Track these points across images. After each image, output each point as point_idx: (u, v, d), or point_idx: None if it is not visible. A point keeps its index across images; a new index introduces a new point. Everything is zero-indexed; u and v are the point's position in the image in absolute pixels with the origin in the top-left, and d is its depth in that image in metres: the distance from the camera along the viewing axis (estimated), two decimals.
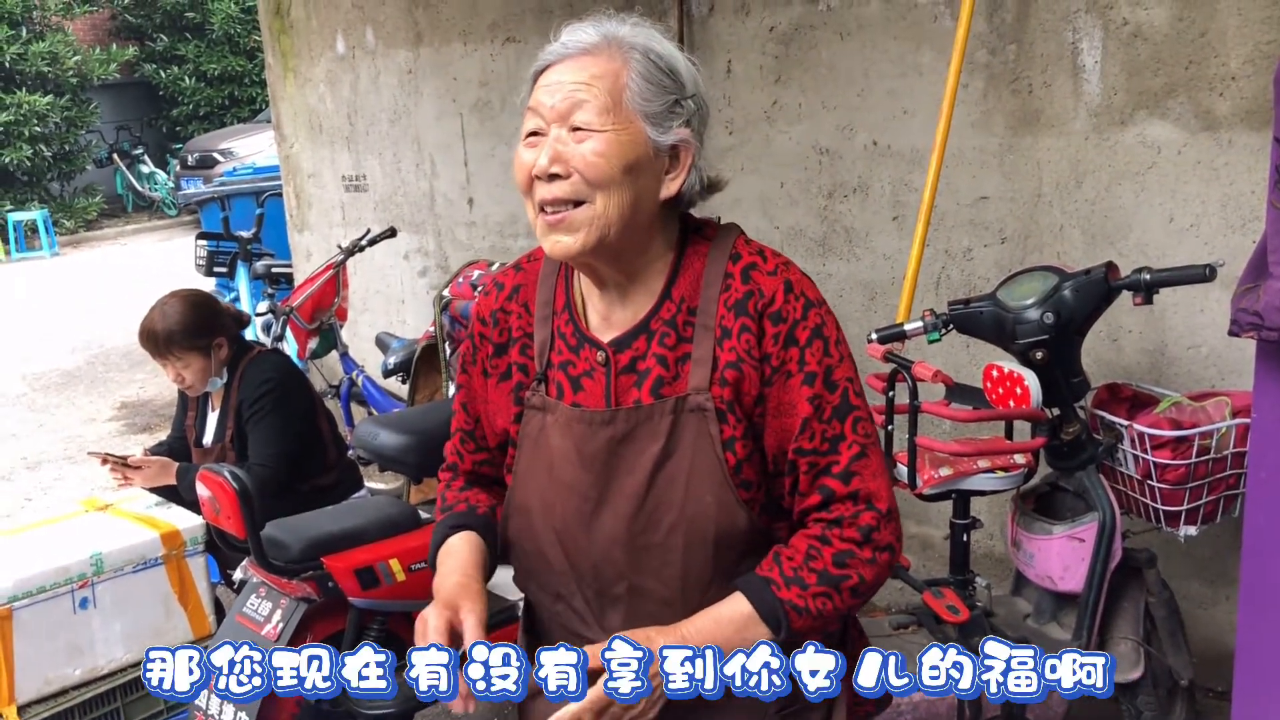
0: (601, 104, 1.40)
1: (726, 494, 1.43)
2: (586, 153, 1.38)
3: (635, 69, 1.42)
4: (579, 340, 1.51)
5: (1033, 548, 2.58)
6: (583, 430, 1.47)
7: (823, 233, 3.66)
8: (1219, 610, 3.01)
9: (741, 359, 1.43)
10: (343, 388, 4.93)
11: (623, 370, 1.47)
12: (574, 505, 1.49)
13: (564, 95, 1.40)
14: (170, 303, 3.38)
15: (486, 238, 5.08)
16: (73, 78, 15.77)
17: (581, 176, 1.39)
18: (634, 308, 1.49)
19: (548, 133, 1.41)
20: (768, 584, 1.42)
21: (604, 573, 1.49)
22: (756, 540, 1.46)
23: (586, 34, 1.44)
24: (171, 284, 3.50)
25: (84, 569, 2.93)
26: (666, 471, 1.44)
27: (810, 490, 1.45)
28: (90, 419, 6.97)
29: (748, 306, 1.44)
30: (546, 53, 1.45)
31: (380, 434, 2.77)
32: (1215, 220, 2.83)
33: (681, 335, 1.46)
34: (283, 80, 6.25)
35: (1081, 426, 2.55)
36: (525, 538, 1.56)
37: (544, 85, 1.43)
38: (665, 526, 1.45)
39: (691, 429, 1.43)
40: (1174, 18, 2.81)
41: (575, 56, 1.42)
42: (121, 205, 17.39)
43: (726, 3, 3.81)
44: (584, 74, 1.41)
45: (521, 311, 1.57)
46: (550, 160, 1.39)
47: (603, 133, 1.39)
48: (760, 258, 1.49)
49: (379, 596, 2.67)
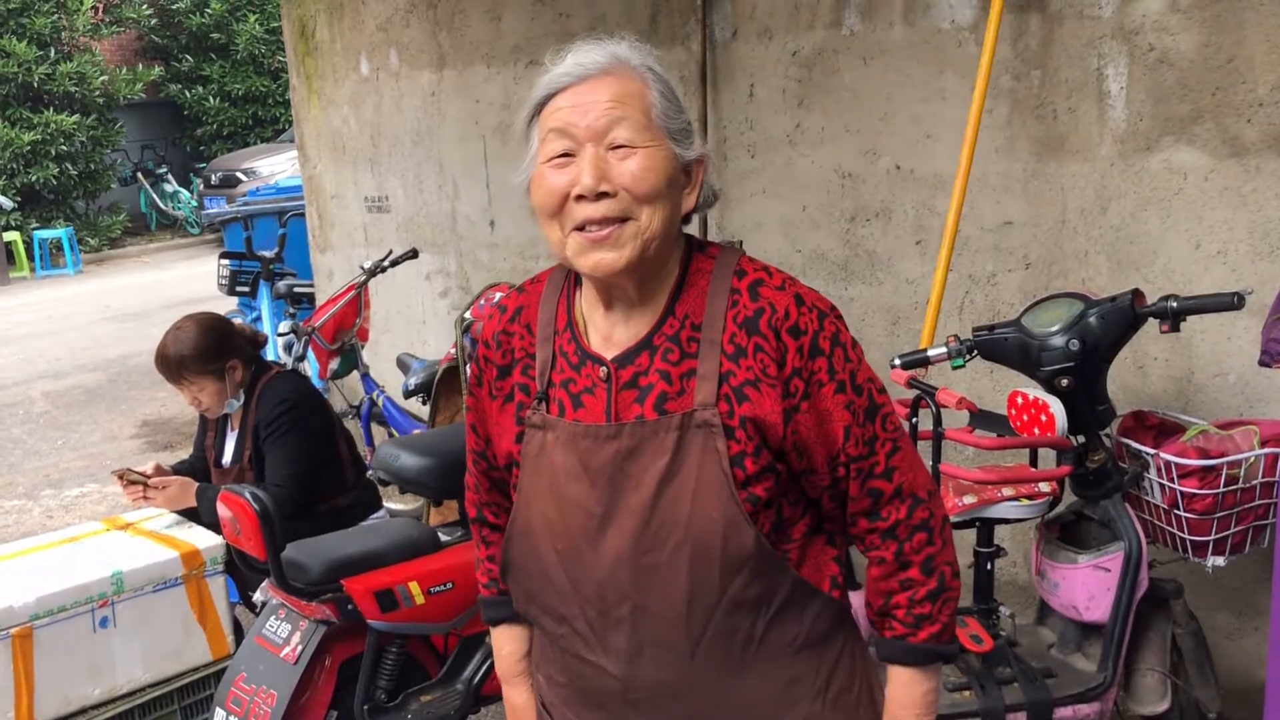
0: (638, 121, 1.41)
1: (733, 510, 1.42)
2: (634, 169, 1.39)
3: (655, 88, 1.44)
4: (580, 358, 1.51)
5: (1057, 577, 2.56)
6: (588, 445, 1.47)
7: (845, 257, 3.65)
8: (1247, 641, 2.96)
9: (759, 379, 1.43)
10: (363, 408, 4.94)
11: (624, 386, 1.47)
12: (579, 522, 1.48)
13: (599, 114, 1.40)
14: (184, 327, 3.40)
15: (508, 259, 5.09)
16: (99, 97, 15.95)
17: (629, 193, 1.39)
18: (636, 325, 1.49)
19: (580, 153, 1.40)
20: (903, 641, 1.51)
21: (608, 593, 1.48)
22: (765, 563, 1.45)
23: (596, 55, 1.44)
24: (194, 302, 3.54)
25: (104, 588, 2.95)
26: (672, 488, 1.43)
27: (861, 495, 1.49)
28: (112, 437, 7.01)
29: (760, 324, 1.44)
30: (556, 76, 1.44)
31: (401, 456, 2.77)
32: (1242, 247, 2.81)
33: (686, 351, 1.46)
34: (307, 102, 6.30)
35: (1107, 455, 2.52)
36: (528, 559, 1.56)
37: (569, 106, 1.42)
38: (671, 545, 1.44)
39: (698, 445, 1.43)
40: (1201, 44, 2.80)
41: (596, 77, 1.42)
42: (145, 224, 17.56)
43: (749, 27, 3.81)
44: (612, 92, 1.41)
45: (524, 333, 1.58)
46: (597, 178, 1.38)
47: (645, 148, 1.40)
48: (766, 274, 1.49)
49: (398, 619, 2.67)
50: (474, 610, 2.82)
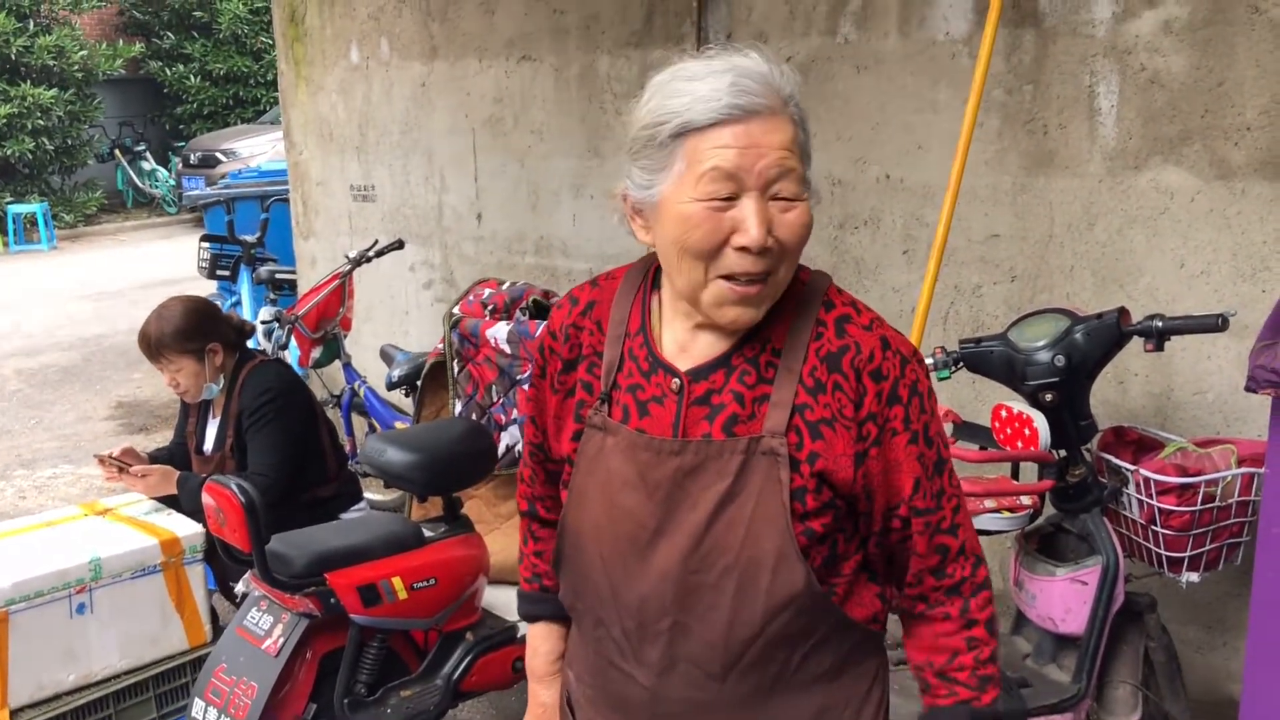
0: (800, 173, 1.35)
1: (788, 545, 1.39)
2: (795, 224, 1.34)
3: (802, 129, 1.37)
4: (652, 365, 1.47)
5: (1035, 588, 2.59)
6: (649, 458, 1.44)
7: (832, 263, 3.67)
8: (1216, 656, 3.01)
9: (836, 418, 1.40)
10: (344, 398, 4.93)
11: (696, 401, 1.43)
12: (628, 531, 1.46)
13: (771, 163, 1.32)
14: (169, 306, 3.39)
15: (494, 253, 5.08)
16: (78, 72, 15.79)
17: (783, 248, 1.34)
18: (714, 341, 1.45)
19: (742, 198, 1.32)
20: (967, 706, 1.47)
21: (650, 606, 1.46)
22: (811, 601, 1.42)
23: (757, 88, 1.33)
24: (171, 282, 3.50)
25: (82, 574, 2.93)
26: (729, 512, 1.40)
27: (929, 551, 1.46)
28: (86, 417, 6.95)
29: (842, 362, 1.40)
30: (718, 106, 1.31)
31: (388, 450, 2.77)
32: (1226, 268, 2.85)
33: (763, 375, 1.42)
34: (295, 87, 6.26)
35: (1088, 469, 2.55)
36: (574, 558, 1.55)
37: (737, 148, 1.31)
38: (719, 568, 1.41)
39: (761, 472, 1.39)
40: (1192, 66, 2.84)
41: (764, 117, 1.32)
42: (121, 201, 17.40)
43: (744, 30, 3.83)
44: (782, 138, 1.33)
45: (594, 329, 1.53)
46: (765, 234, 1.32)
47: (803, 202, 1.35)
48: (854, 310, 1.45)
49: (380, 614, 2.67)
50: (455, 606, 2.83)
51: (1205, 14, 2.80)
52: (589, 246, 4.62)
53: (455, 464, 2.84)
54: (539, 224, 4.81)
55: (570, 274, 4.70)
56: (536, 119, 4.72)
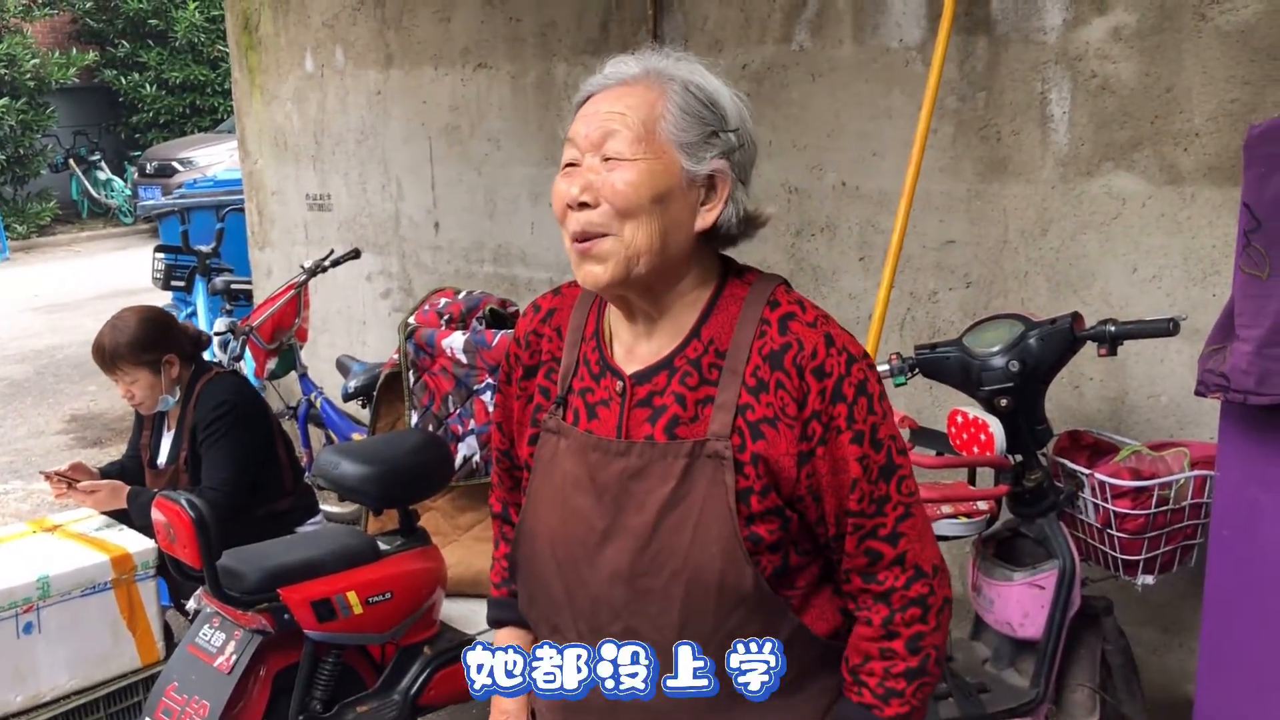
0: (635, 134, 1.38)
1: (734, 548, 1.39)
2: (616, 181, 1.37)
3: (673, 99, 1.40)
4: (601, 368, 1.49)
5: (993, 593, 2.60)
6: (598, 458, 1.45)
7: (789, 270, 3.68)
8: (1171, 657, 3.04)
9: (778, 417, 1.39)
10: (300, 409, 4.87)
11: (638, 403, 1.45)
12: (580, 533, 1.46)
13: (597, 124, 1.40)
14: (124, 317, 3.34)
15: (452, 262, 5.05)
16: (30, 81, 15.52)
17: (610, 206, 1.38)
18: (659, 343, 1.46)
19: (582, 163, 1.41)
20: (868, 712, 1.43)
21: (600, 610, 1.46)
22: (764, 604, 1.42)
23: (628, 66, 1.44)
24: (126, 294, 3.43)
25: (29, 593, 2.87)
26: (674, 515, 1.41)
27: (856, 552, 1.44)
28: (39, 431, 6.83)
29: (784, 360, 1.40)
30: (588, 84, 1.46)
31: (342, 463, 2.73)
32: (1177, 272, 2.87)
33: (705, 377, 1.43)
34: (249, 96, 6.20)
35: (1044, 474, 2.57)
36: (531, 563, 1.54)
37: (580, 117, 1.43)
38: (667, 572, 1.41)
39: (706, 475, 1.39)
40: (1141, 73, 2.86)
41: (614, 87, 1.43)
42: (76, 211, 17.11)
43: (700, 39, 3.83)
44: (619, 104, 1.40)
45: (554, 335, 1.56)
46: (581, 189, 1.39)
47: (633, 161, 1.38)
48: (799, 308, 1.45)
49: (335, 629, 2.63)
50: (412, 620, 2.80)
51: (1153, 21, 2.83)
52: (548, 255, 4.60)
53: (410, 476, 2.82)
54: (497, 232, 4.78)
55: (530, 283, 4.67)
56: (494, 127, 4.69)
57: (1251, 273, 1.85)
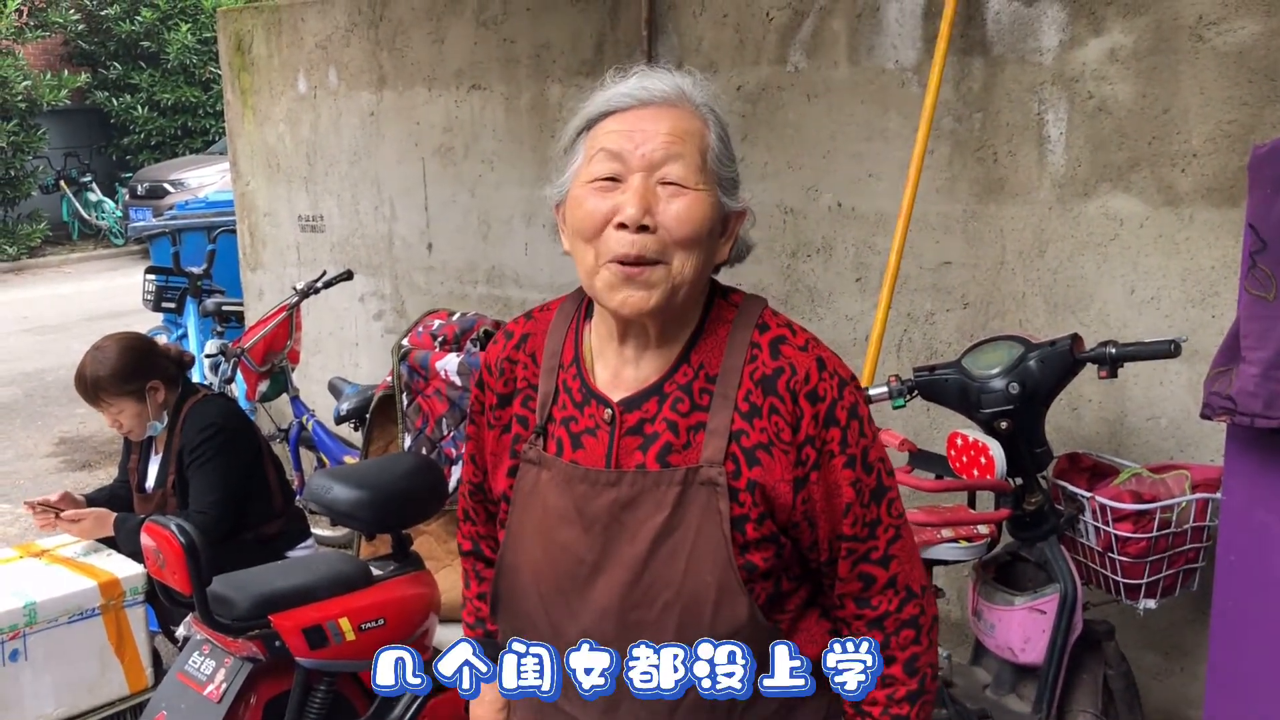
0: (695, 162, 1.35)
1: (729, 576, 1.36)
2: (680, 210, 1.33)
3: (714, 131, 1.38)
4: (585, 396, 1.44)
5: (993, 618, 2.57)
6: (585, 490, 1.40)
7: (785, 291, 3.66)
8: (1174, 681, 3.01)
9: (773, 442, 1.37)
10: (292, 432, 4.83)
11: (629, 431, 1.41)
12: (567, 567, 1.42)
13: (657, 145, 1.34)
14: (103, 347, 3.29)
15: (445, 283, 5.02)
16: (21, 102, 15.51)
17: (669, 234, 1.33)
18: (647, 369, 1.43)
19: (627, 180, 1.34)
20: None
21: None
22: (756, 633, 1.39)
23: (662, 84, 1.38)
24: (116, 316, 3.40)
25: (15, 620, 2.83)
26: (668, 545, 1.37)
27: (850, 577, 1.42)
28: (27, 454, 6.77)
29: (778, 385, 1.37)
30: (617, 95, 1.38)
31: (334, 488, 2.69)
32: (1176, 293, 2.86)
33: (697, 403, 1.40)
34: (241, 117, 6.18)
35: (1044, 497, 2.54)
36: (513, 598, 1.50)
37: (623, 130, 1.35)
38: (660, 604, 1.38)
39: (699, 503, 1.36)
40: (1138, 94, 2.86)
41: (659, 106, 1.36)
42: (67, 233, 17.07)
43: (695, 60, 3.82)
44: (673, 126, 1.35)
45: (528, 362, 1.51)
46: (642, 209, 1.32)
47: (695, 192, 1.34)
48: (789, 331, 1.43)
49: (327, 656, 2.59)
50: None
51: (1150, 42, 2.82)
52: (541, 276, 4.58)
53: (403, 500, 2.78)
54: (490, 253, 4.76)
55: (524, 304, 4.65)
56: (487, 148, 4.68)
57: (1257, 294, 1.83)
